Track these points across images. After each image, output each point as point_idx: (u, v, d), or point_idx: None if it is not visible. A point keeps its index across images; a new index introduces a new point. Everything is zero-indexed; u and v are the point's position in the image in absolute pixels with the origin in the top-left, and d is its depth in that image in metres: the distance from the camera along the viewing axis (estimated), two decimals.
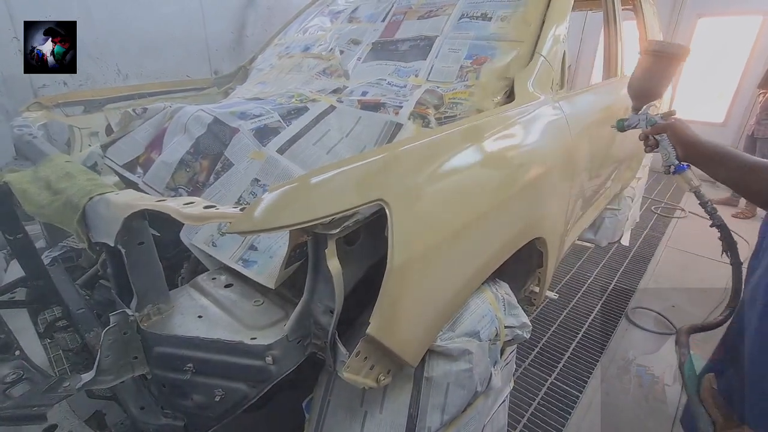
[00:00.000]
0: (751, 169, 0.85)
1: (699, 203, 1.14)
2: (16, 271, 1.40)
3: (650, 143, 1.12)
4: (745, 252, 1.08)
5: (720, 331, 1.09)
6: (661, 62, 1.18)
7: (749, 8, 4.34)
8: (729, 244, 1.12)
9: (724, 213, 3.83)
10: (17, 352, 1.04)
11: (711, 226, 1.13)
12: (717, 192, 4.35)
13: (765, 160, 0.87)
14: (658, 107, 1.18)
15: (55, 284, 1.24)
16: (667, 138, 1.08)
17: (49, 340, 1.36)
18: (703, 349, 1.20)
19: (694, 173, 1.10)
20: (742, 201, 4.01)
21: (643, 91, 1.25)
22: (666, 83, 1.23)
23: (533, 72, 1.29)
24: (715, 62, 4.69)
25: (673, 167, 1.09)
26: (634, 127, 1.21)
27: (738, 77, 4.53)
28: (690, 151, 1.03)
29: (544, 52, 1.33)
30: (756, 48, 4.38)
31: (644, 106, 1.24)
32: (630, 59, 2.13)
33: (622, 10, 2.07)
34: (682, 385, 0.98)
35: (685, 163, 1.08)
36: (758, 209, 3.86)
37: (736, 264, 1.14)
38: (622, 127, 1.21)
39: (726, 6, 4.48)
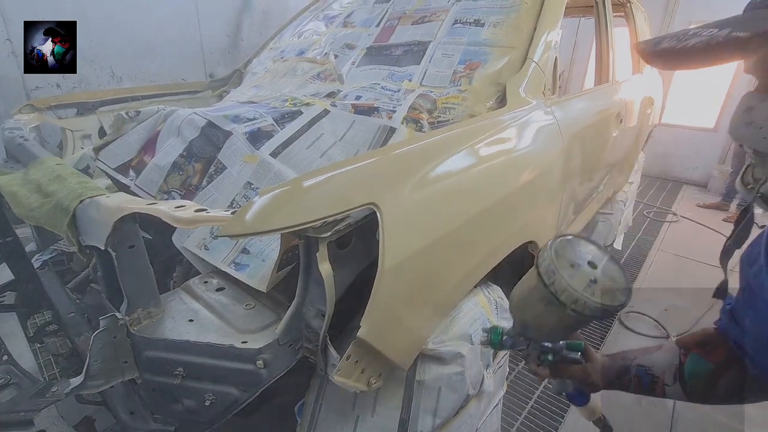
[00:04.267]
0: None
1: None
2: (5, 274, 1.38)
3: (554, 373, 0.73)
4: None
5: None
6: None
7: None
8: None
9: (716, 217, 3.88)
10: (5, 357, 1.03)
11: None
12: (706, 197, 4.39)
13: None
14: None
15: (45, 288, 1.23)
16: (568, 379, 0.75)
17: (38, 345, 1.34)
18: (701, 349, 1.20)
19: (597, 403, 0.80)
20: (733, 205, 4.05)
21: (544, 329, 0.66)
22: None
23: (525, 77, 1.30)
24: (705, 69, 4.74)
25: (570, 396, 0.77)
26: (517, 350, 0.72)
27: (728, 83, 4.59)
28: (600, 385, 0.77)
29: (536, 58, 1.34)
30: None
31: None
32: (621, 65, 2.16)
33: (614, 17, 2.10)
34: None
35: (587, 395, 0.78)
36: None
37: None
38: (497, 344, 0.70)
39: (716, 12, 4.54)
